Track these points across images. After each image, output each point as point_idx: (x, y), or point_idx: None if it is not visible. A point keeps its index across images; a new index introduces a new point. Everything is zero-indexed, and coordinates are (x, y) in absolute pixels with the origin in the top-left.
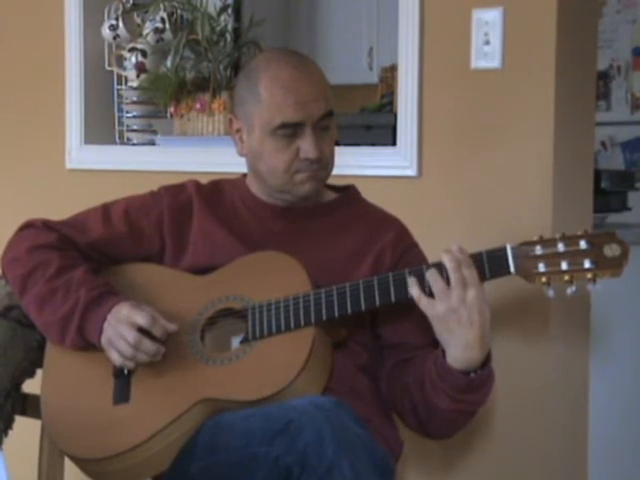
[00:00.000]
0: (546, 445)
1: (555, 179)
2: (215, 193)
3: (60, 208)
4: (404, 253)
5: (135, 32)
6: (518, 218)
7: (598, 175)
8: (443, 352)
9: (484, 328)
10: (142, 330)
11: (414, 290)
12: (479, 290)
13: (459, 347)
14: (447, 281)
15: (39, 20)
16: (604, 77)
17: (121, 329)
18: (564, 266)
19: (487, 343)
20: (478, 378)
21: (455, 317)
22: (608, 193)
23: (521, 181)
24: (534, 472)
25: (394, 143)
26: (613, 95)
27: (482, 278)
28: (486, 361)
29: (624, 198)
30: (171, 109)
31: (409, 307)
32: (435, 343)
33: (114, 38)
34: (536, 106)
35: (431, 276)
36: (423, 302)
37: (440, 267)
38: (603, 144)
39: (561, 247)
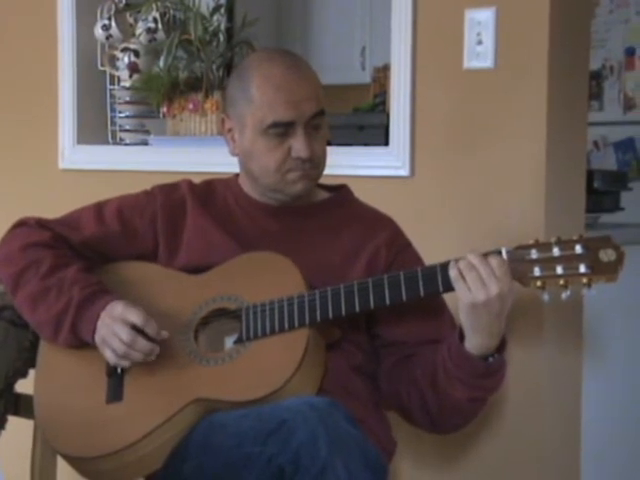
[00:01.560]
0: (539, 448)
1: (548, 179)
2: (208, 192)
3: (53, 208)
4: (399, 253)
5: (128, 32)
6: (511, 218)
7: (591, 175)
8: (459, 340)
9: (505, 319)
10: (136, 329)
11: (453, 271)
12: (511, 283)
13: (483, 335)
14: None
15: (32, 20)
16: (597, 77)
17: (115, 327)
18: (559, 270)
19: (503, 330)
20: (496, 362)
21: (488, 308)
22: (601, 193)
23: (514, 181)
24: (528, 474)
25: (387, 143)
26: (606, 95)
27: None
28: (501, 346)
29: (617, 198)
30: (164, 109)
31: (406, 306)
32: (435, 339)
33: (107, 38)
34: (529, 106)
35: (465, 267)
36: (461, 285)
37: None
38: (596, 144)
39: (556, 251)
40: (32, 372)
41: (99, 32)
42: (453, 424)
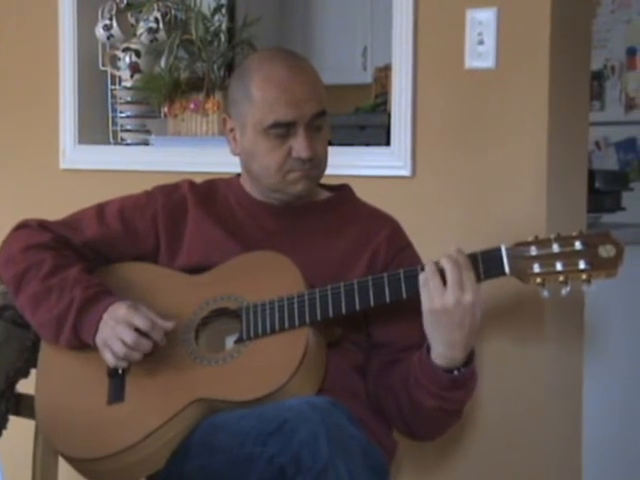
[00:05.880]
0: (540, 446)
1: (549, 179)
2: (209, 192)
3: (54, 208)
4: (398, 253)
5: (129, 32)
6: (512, 218)
7: (592, 175)
8: (428, 349)
9: (472, 330)
10: (139, 331)
11: (422, 275)
12: (475, 294)
13: (444, 344)
14: (444, 281)
15: (33, 20)
16: (598, 77)
17: (119, 330)
18: (559, 267)
19: (472, 344)
20: (461, 376)
21: (447, 316)
22: (602, 193)
23: (515, 181)
24: (528, 472)
25: (388, 143)
26: (607, 95)
27: (477, 279)
28: (469, 359)
29: (618, 198)
30: (165, 109)
31: (401, 308)
32: (420, 345)
33: (108, 38)
34: (530, 106)
35: (430, 273)
36: (424, 291)
37: (440, 266)
38: (597, 144)
39: (556, 248)
40: (34, 372)
41: (100, 32)
42: (427, 432)
